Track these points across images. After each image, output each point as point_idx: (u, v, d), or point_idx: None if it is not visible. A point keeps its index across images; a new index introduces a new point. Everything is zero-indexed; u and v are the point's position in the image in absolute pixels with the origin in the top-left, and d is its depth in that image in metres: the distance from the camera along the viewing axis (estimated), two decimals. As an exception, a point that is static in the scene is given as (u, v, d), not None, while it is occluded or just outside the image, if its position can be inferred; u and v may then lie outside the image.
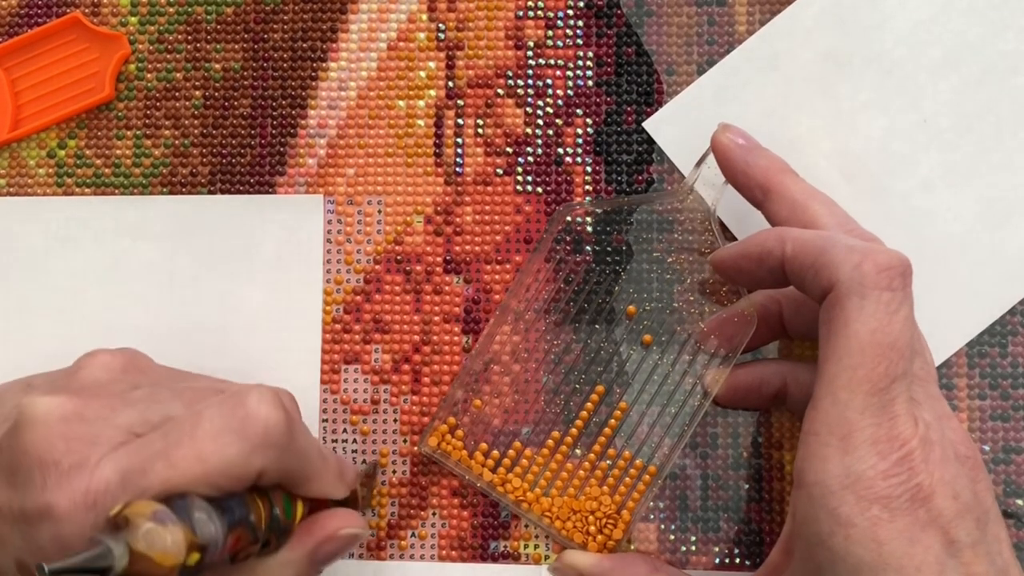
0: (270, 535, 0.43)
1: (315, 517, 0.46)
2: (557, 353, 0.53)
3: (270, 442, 0.41)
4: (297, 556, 0.45)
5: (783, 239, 0.45)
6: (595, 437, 0.52)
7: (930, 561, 0.41)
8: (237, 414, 0.41)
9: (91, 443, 0.40)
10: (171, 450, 0.40)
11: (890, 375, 0.42)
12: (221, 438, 0.40)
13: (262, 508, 0.42)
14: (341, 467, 0.47)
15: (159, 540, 0.36)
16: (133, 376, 0.46)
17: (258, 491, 0.43)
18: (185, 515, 0.38)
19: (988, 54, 0.53)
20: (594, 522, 0.51)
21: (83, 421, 0.41)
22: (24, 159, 0.56)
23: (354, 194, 0.55)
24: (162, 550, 0.36)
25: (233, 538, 0.40)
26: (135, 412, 0.42)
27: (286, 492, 0.44)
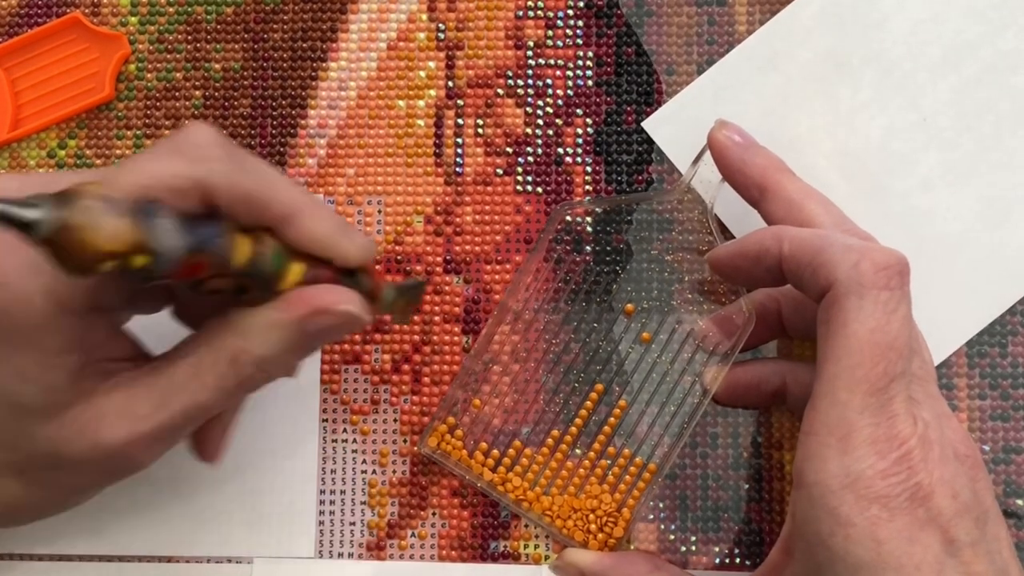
0: (248, 280, 0.41)
1: (313, 287, 0.43)
2: (556, 352, 0.53)
3: (208, 154, 0.40)
4: (285, 319, 0.42)
5: (780, 238, 0.45)
6: (595, 436, 0.52)
7: (929, 560, 0.41)
8: (175, 139, 0.41)
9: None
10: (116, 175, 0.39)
11: (889, 374, 0.42)
12: (161, 157, 0.40)
13: (244, 246, 0.41)
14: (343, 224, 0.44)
15: (99, 219, 0.35)
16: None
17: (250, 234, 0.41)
18: (145, 218, 0.37)
19: (987, 53, 0.53)
20: (595, 520, 0.51)
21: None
22: (24, 159, 0.56)
23: (354, 194, 0.55)
24: (99, 231, 0.35)
25: (195, 261, 0.39)
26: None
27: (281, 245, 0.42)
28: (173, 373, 0.42)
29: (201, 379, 0.42)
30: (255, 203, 0.41)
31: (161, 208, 0.38)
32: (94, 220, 0.35)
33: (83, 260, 0.36)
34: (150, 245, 0.37)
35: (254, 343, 0.42)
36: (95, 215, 0.36)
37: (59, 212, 0.35)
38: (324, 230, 0.42)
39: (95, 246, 0.35)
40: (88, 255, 0.36)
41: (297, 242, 0.42)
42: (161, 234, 0.38)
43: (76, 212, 0.35)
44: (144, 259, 0.37)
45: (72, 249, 0.35)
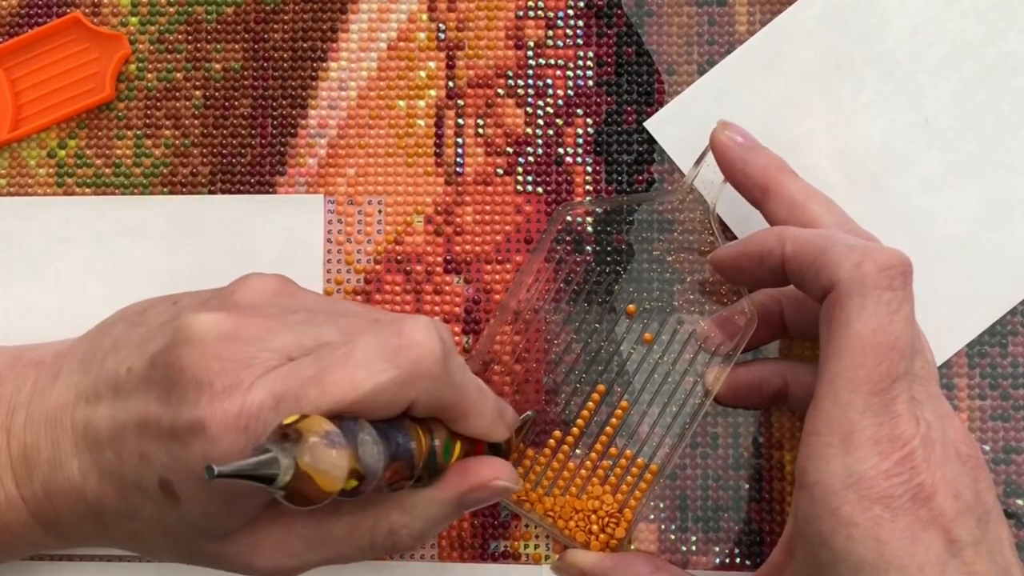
0: (424, 471, 0.43)
1: (470, 461, 0.45)
2: (557, 353, 0.53)
3: (423, 371, 0.40)
4: (446, 496, 0.44)
5: (783, 238, 0.45)
6: (596, 436, 0.52)
7: (932, 560, 0.41)
8: (392, 342, 0.40)
9: (246, 365, 0.40)
10: (324, 375, 0.39)
11: (891, 375, 0.42)
12: (375, 365, 0.40)
13: (423, 441, 0.42)
14: (501, 408, 0.47)
15: (325, 459, 0.36)
16: (285, 300, 0.45)
17: (420, 424, 0.42)
18: (352, 438, 0.38)
19: (989, 54, 0.53)
20: (596, 521, 0.51)
21: (239, 341, 0.41)
22: (24, 159, 0.56)
23: (354, 194, 0.55)
24: (325, 471, 0.36)
25: (392, 469, 0.40)
26: (290, 335, 0.42)
27: (448, 430, 0.44)
28: (332, 525, 0.44)
29: (355, 540, 0.44)
30: (446, 411, 0.43)
31: (362, 423, 0.39)
32: (323, 463, 0.36)
33: (312, 500, 0.37)
34: (359, 469, 0.38)
35: (415, 519, 0.44)
36: (322, 456, 0.36)
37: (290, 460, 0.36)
38: (489, 424, 0.45)
39: (323, 489, 0.36)
40: (317, 496, 0.37)
41: (464, 433, 0.45)
42: (366, 454, 0.38)
43: (305, 455, 0.36)
44: (354, 482, 0.38)
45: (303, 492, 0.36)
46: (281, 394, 0.39)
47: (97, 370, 0.45)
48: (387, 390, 0.40)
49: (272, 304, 0.45)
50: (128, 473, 0.43)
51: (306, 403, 0.39)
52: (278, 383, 0.40)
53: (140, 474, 0.42)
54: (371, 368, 0.40)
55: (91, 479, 0.44)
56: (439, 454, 0.43)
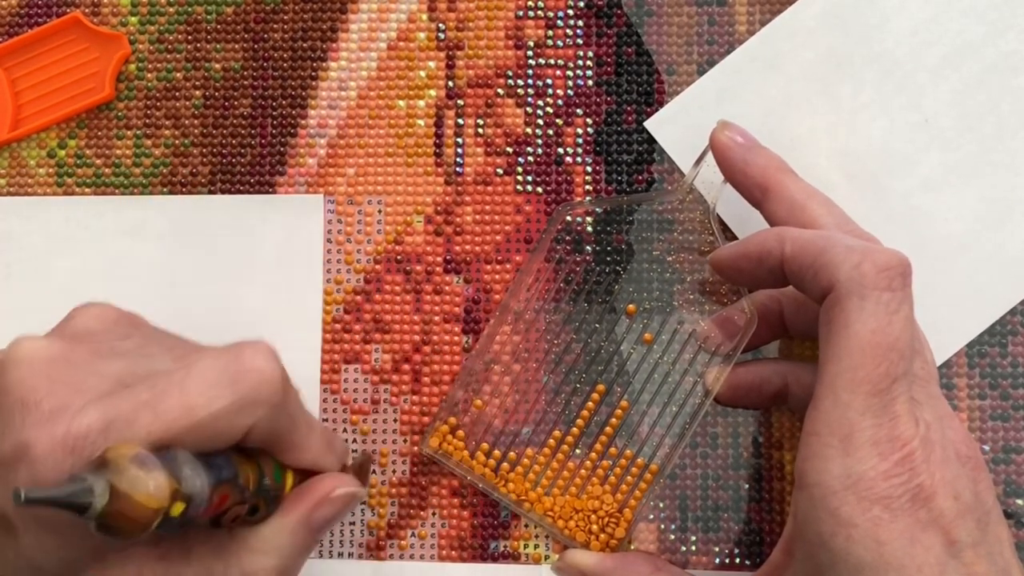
0: (258, 500, 0.42)
1: (306, 483, 0.44)
2: (557, 353, 0.53)
3: (262, 398, 0.39)
4: (292, 521, 0.43)
5: (782, 239, 0.45)
6: (596, 436, 0.52)
7: (931, 561, 0.41)
8: (231, 367, 0.39)
9: (76, 389, 0.39)
10: (158, 400, 0.38)
11: (891, 375, 0.42)
12: (211, 391, 0.38)
13: (250, 471, 0.41)
14: (329, 439, 0.46)
15: (142, 482, 0.35)
16: (125, 329, 0.44)
17: (245, 454, 0.41)
18: (171, 463, 0.36)
19: (989, 54, 0.53)
20: (596, 521, 0.51)
21: (69, 364, 0.39)
22: (24, 159, 0.56)
23: (354, 194, 0.55)
24: (145, 492, 0.35)
25: (219, 496, 0.39)
26: (123, 362, 0.41)
27: (276, 461, 0.43)
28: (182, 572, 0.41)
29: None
30: (277, 442, 0.42)
31: (179, 451, 0.38)
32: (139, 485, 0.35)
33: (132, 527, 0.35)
34: (183, 492, 0.37)
35: (269, 555, 0.42)
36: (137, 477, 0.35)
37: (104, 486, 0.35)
38: (316, 455, 0.44)
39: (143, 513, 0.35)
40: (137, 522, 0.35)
41: (291, 464, 0.44)
42: (188, 478, 0.37)
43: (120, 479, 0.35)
44: (180, 506, 0.37)
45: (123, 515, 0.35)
46: (112, 417, 0.38)
47: None
48: (223, 416, 0.38)
49: (110, 332, 0.43)
50: None
51: (138, 427, 0.37)
52: (109, 406, 0.38)
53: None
54: (208, 394, 0.38)
55: None
56: (270, 478, 0.42)
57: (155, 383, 0.39)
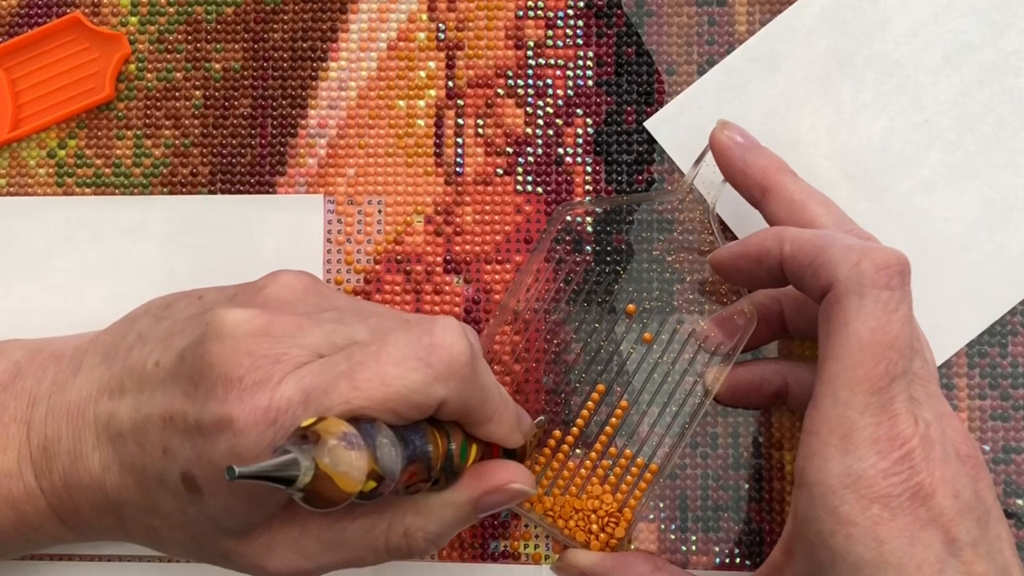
0: (441, 473, 0.43)
1: (486, 464, 0.46)
2: (557, 352, 0.53)
3: (454, 372, 0.40)
4: (462, 499, 0.44)
5: (781, 239, 0.45)
6: (596, 436, 0.52)
7: (931, 560, 0.41)
8: (423, 341, 0.40)
9: (276, 361, 0.40)
10: (355, 372, 0.39)
11: (890, 374, 0.42)
12: (406, 363, 0.40)
13: (440, 444, 0.42)
14: (519, 414, 0.47)
15: (344, 461, 0.36)
16: (316, 298, 0.45)
17: (437, 427, 0.42)
18: (370, 439, 0.37)
19: (989, 54, 0.53)
20: (596, 521, 0.51)
21: (270, 338, 0.41)
22: (24, 159, 0.56)
23: (354, 194, 0.55)
24: (345, 472, 0.36)
25: (409, 472, 0.40)
26: (321, 333, 0.42)
27: (464, 434, 0.44)
28: (346, 528, 0.44)
29: (370, 542, 0.44)
30: (469, 415, 0.43)
31: (380, 425, 0.39)
32: (343, 464, 0.36)
33: (331, 501, 0.36)
34: (377, 470, 0.38)
35: (431, 522, 0.44)
36: (341, 457, 0.36)
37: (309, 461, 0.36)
38: (507, 430, 0.45)
39: (343, 490, 0.36)
40: (337, 498, 0.36)
41: (483, 437, 0.45)
42: (384, 456, 0.38)
43: (325, 456, 0.36)
44: (372, 484, 0.38)
45: (323, 494, 0.36)
46: (310, 389, 0.39)
47: (122, 363, 0.45)
48: (418, 389, 0.40)
49: (302, 302, 0.45)
50: (150, 466, 0.43)
51: (336, 398, 0.39)
52: (308, 379, 0.40)
53: (163, 468, 0.42)
54: (403, 366, 0.40)
55: (112, 472, 0.44)
56: (456, 457, 0.43)
57: (351, 355, 0.40)
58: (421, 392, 0.40)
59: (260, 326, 0.41)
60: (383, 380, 0.39)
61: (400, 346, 0.40)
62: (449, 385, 0.40)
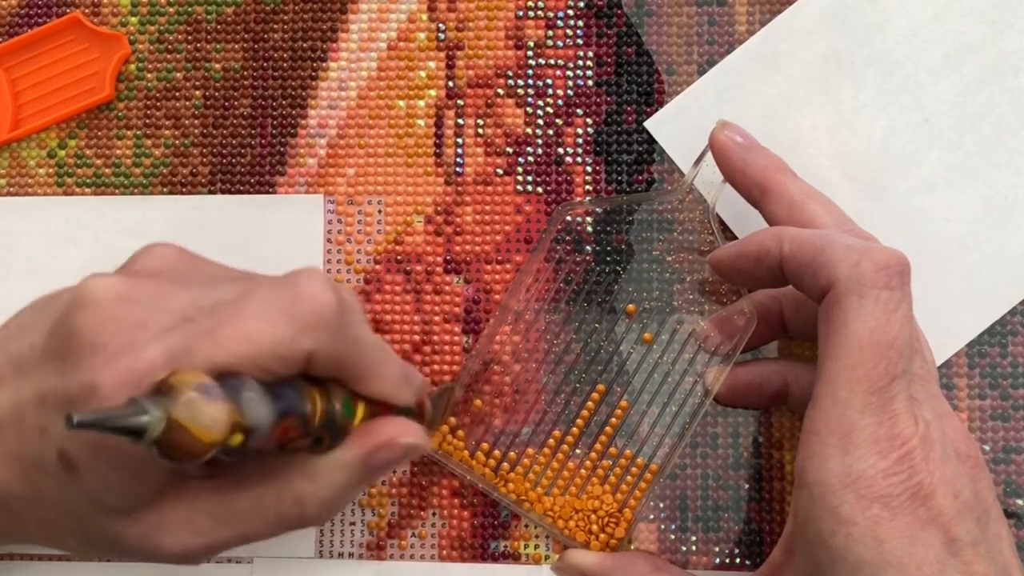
0: (324, 432, 0.42)
1: (374, 421, 0.44)
2: (557, 353, 0.53)
3: (319, 323, 0.40)
4: (350, 458, 0.43)
5: (781, 238, 0.45)
6: (596, 436, 0.52)
7: (930, 560, 0.41)
8: (286, 294, 0.40)
9: (140, 325, 0.39)
10: (217, 329, 0.39)
11: (890, 374, 0.42)
12: (269, 317, 0.39)
13: (319, 401, 0.41)
14: (406, 370, 0.46)
15: (200, 412, 0.35)
16: (187, 267, 0.45)
17: (317, 385, 0.41)
18: (234, 393, 0.37)
19: (989, 54, 0.53)
20: (596, 521, 0.51)
21: (134, 303, 0.40)
22: (24, 159, 0.56)
23: (354, 194, 0.55)
24: (202, 424, 0.35)
25: (282, 427, 0.39)
26: (189, 297, 0.41)
27: (348, 392, 0.43)
28: (236, 500, 0.43)
29: (261, 512, 0.43)
30: (345, 369, 0.42)
31: (246, 379, 0.38)
32: (198, 415, 0.35)
33: (190, 454, 0.36)
34: (244, 423, 0.37)
35: (321, 485, 0.43)
36: (197, 409, 0.35)
37: (161, 412, 0.35)
38: (391, 386, 0.44)
39: (201, 440, 0.35)
40: (195, 449, 0.35)
41: (365, 394, 0.44)
42: (252, 409, 0.37)
43: (178, 409, 0.35)
44: (240, 437, 0.37)
45: (179, 446, 0.35)
46: (174, 350, 0.38)
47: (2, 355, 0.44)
48: (282, 342, 0.39)
49: (173, 270, 0.44)
50: (29, 451, 0.41)
51: (199, 355, 0.38)
52: (172, 340, 0.39)
53: (40, 450, 0.41)
54: (266, 320, 0.39)
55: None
56: (339, 413, 0.42)
57: (215, 313, 0.39)
58: (285, 345, 0.39)
59: (124, 292, 0.40)
60: (245, 335, 0.38)
61: (263, 300, 0.39)
62: (316, 337, 0.40)
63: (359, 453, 0.43)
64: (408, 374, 0.46)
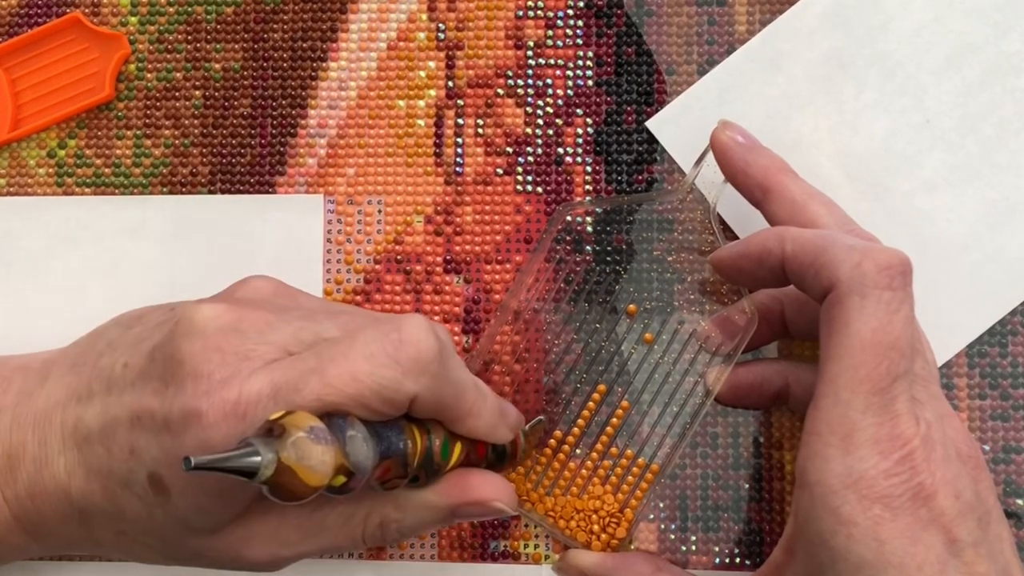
0: (420, 471, 0.43)
1: (473, 474, 0.46)
2: (558, 353, 0.53)
3: (423, 368, 0.41)
4: (441, 503, 0.45)
5: (783, 238, 0.45)
6: (597, 436, 0.52)
7: (932, 560, 0.41)
8: (392, 337, 0.40)
9: (245, 356, 0.40)
10: (325, 367, 0.39)
11: (891, 374, 0.42)
12: (375, 359, 0.40)
13: (419, 441, 0.42)
14: (503, 409, 0.47)
15: (309, 455, 0.36)
16: (285, 300, 0.46)
17: (418, 424, 0.42)
18: (340, 434, 0.38)
19: (991, 55, 0.53)
20: (597, 521, 0.51)
21: (239, 334, 0.41)
22: (24, 159, 0.56)
23: (354, 194, 0.55)
24: (310, 467, 0.36)
25: (383, 468, 0.40)
26: (290, 330, 0.42)
27: (447, 431, 0.44)
28: (324, 516, 0.44)
29: (348, 530, 0.44)
30: (445, 410, 0.43)
31: (351, 419, 0.39)
32: (307, 458, 0.36)
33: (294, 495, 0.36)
34: (348, 465, 0.38)
35: (408, 516, 0.45)
36: (306, 451, 0.36)
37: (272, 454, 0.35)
38: (488, 425, 0.45)
39: (307, 484, 0.36)
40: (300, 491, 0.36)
41: (463, 433, 0.45)
42: (355, 450, 0.38)
43: (288, 450, 0.36)
44: (342, 479, 0.38)
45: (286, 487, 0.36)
46: (280, 384, 0.39)
47: (90, 370, 0.45)
48: (388, 385, 0.40)
49: (271, 303, 0.45)
50: (116, 469, 0.42)
51: (307, 393, 0.39)
52: (277, 373, 0.40)
53: (129, 469, 0.42)
54: (372, 362, 0.40)
55: (77, 477, 0.44)
56: (436, 454, 0.43)
57: (321, 351, 0.40)
58: (391, 388, 0.40)
59: (229, 322, 0.41)
60: (353, 375, 0.39)
61: (369, 342, 0.40)
62: (419, 381, 0.41)
63: (451, 503, 0.45)
64: (504, 411, 0.47)
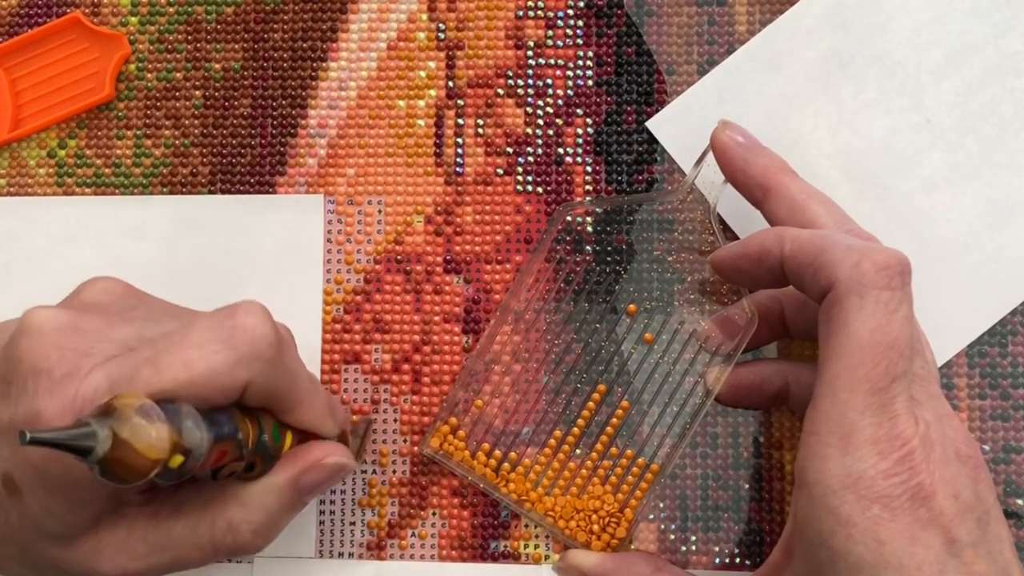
0: (256, 457, 0.44)
1: (300, 447, 0.46)
2: (558, 353, 0.53)
3: (256, 354, 0.41)
4: (280, 481, 0.45)
5: (782, 239, 0.45)
6: (597, 436, 0.52)
7: (931, 560, 0.41)
8: (226, 324, 0.41)
9: (84, 354, 0.40)
10: (158, 357, 0.40)
11: (890, 374, 0.41)
12: (208, 346, 0.40)
13: (251, 429, 0.43)
14: (332, 404, 0.47)
15: (144, 431, 0.36)
16: (132, 301, 0.46)
17: (247, 413, 0.43)
18: (173, 417, 0.38)
19: (991, 55, 0.53)
20: (597, 521, 0.51)
21: (79, 332, 0.41)
22: (24, 159, 0.56)
23: (354, 194, 0.55)
24: (146, 442, 0.36)
25: (218, 451, 0.41)
26: (131, 328, 0.42)
27: (277, 421, 0.45)
28: (172, 526, 0.44)
29: (196, 538, 0.44)
30: (277, 399, 0.44)
31: (183, 405, 0.39)
32: (142, 433, 0.36)
33: (134, 472, 0.37)
34: (183, 445, 0.38)
35: (253, 511, 0.44)
36: (140, 427, 0.36)
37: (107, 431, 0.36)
38: (319, 416, 0.46)
39: (146, 457, 0.37)
40: (139, 467, 0.37)
41: (294, 424, 0.46)
42: (189, 432, 0.39)
43: (123, 428, 0.36)
44: (179, 459, 0.38)
45: (124, 463, 0.36)
46: (116, 377, 0.40)
47: None
48: (220, 371, 0.40)
49: (118, 304, 0.45)
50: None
51: (139, 383, 0.39)
52: (114, 368, 0.40)
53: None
54: (205, 349, 0.40)
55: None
56: (269, 438, 0.44)
57: (156, 343, 0.41)
58: (224, 374, 0.40)
59: (68, 321, 0.41)
60: (185, 363, 0.40)
61: (203, 330, 0.41)
62: (253, 367, 0.41)
63: (288, 476, 0.45)
64: (333, 407, 0.47)
